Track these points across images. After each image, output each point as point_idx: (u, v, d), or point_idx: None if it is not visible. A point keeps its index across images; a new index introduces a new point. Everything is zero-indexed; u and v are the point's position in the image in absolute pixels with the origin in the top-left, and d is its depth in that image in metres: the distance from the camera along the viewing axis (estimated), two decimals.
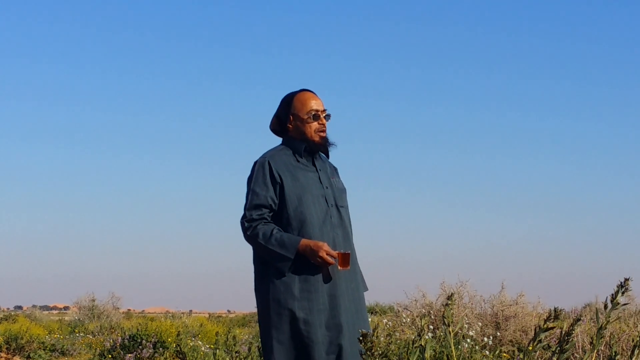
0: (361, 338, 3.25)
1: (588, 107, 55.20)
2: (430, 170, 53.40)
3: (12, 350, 14.66)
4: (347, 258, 4.08)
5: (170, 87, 66.38)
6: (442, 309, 11.53)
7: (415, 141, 55.63)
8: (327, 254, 4.01)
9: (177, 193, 70.70)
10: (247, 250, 4.27)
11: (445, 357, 6.74)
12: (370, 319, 5.01)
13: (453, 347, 3.16)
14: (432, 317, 11.79)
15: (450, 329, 3.17)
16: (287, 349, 4.02)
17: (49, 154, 65.50)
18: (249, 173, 4.29)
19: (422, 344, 3.06)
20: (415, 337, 3.13)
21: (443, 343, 8.13)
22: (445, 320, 3.20)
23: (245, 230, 4.15)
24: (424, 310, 12.21)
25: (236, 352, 6.21)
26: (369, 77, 59.70)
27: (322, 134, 4.30)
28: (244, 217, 4.17)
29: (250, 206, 4.16)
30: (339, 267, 4.07)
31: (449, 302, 3.21)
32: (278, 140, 4.47)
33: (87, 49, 69.76)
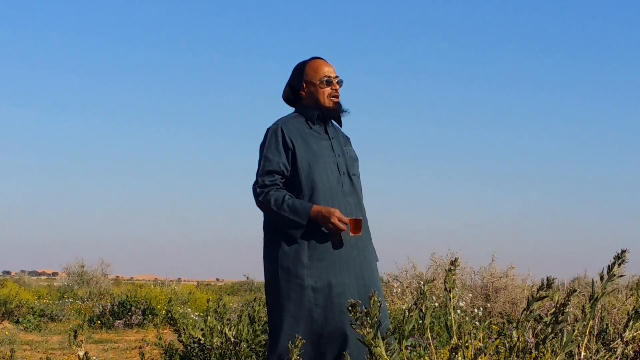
0: (350, 308, 3.24)
1: (576, 82, 55.57)
2: (422, 143, 53.53)
3: (1, 315, 14.67)
4: (359, 224, 4.06)
5: (176, 56, 66.42)
6: (436, 278, 11.57)
7: (408, 114, 55.81)
8: (339, 220, 4.00)
9: (166, 161, 70.66)
10: (237, 219, 4.27)
11: (432, 325, 6.76)
12: None
13: (452, 312, 3.15)
14: (423, 287, 11.83)
15: (452, 295, 3.17)
16: (296, 317, 4.01)
17: (37, 120, 65.40)
18: (261, 139, 4.27)
19: (423, 310, 3.06)
20: (411, 306, 3.12)
21: (433, 314, 8.16)
22: (446, 285, 3.19)
23: (257, 196, 4.14)
24: (414, 281, 12.26)
25: (227, 320, 6.21)
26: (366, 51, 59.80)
27: (335, 99, 4.30)
28: (256, 183, 4.16)
29: (262, 172, 4.15)
30: (351, 234, 4.05)
31: (452, 267, 3.20)
32: (282, 111, 4.46)
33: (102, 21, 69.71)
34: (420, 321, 3.07)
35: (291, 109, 4.43)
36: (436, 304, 9.59)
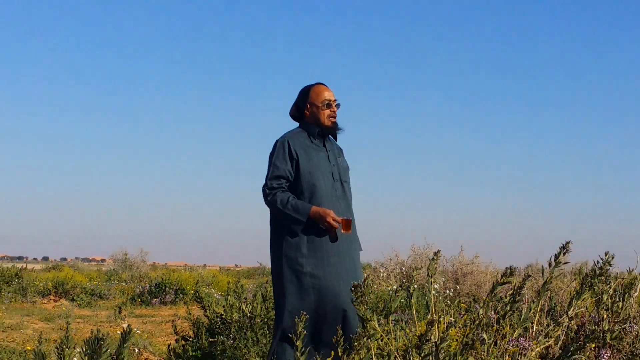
0: (353, 289, 3.26)
1: (517, 90, 56.12)
2: (406, 156, 53.79)
3: (59, 294, 14.66)
4: (349, 224, 4.10)
5: (217, 79, 66.58)
6: (415, 266, 11.55)
7: (396, 127, 56.06)
8: (333, 220, 4.02)
9: (194, 167, 70.91)
10: (253, 215, 4.29)
11: (415, 304, 6.72)
12: None
13: (432, 293, 3.15)
14: (404, 272, 11.83)
15: (432, 280, 3.17)
16: (297, 296, 4.03)
17: (95, 129, 65.73)
18: (270, 149, 4.28)
19: (410, 291, 3.07)
20: (397, 287, 3.12)
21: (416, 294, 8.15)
22: (429, 272, 3.20)
23: (266, 196, 4.14)
24: (397, 267, 12.25)
25: (244, 298, 6.22)
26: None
27: (332, 119, 4.30)
28: (265, 186, 4.16)
29: (271, 176, 4.15)
30: (342, 231, 4.08)
31: (435, 257, 3.20)
32: (282, 125, 4.46)
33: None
34: (404, 300, 3.07)
35: (296, 124, 4.42)
36: (415, 286, 9.58)
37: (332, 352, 3.85)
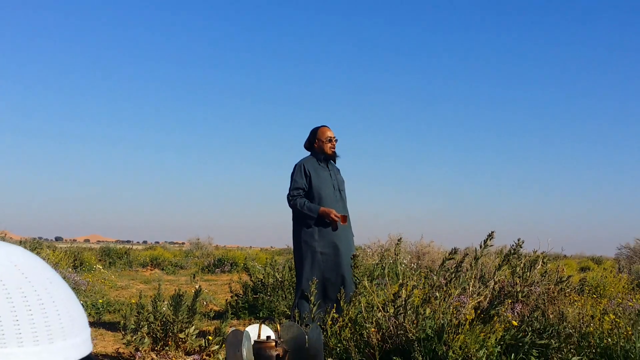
0: (352, 258, 3.27)
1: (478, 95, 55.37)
2: (383, 165, 53.78)
3: (154, 265, 14.70)
4: (345, 218, 4.15)
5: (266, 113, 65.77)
6: (390, 248, 11.45)
7: (376, 153, 55.89)
8: (334, 216, 4.07)
9: (249, 178, 71.04)
10: (283, 212, 4.30)
11: (389, 273, 6.69)
12: None
13: (399, 266, 3.14)
14: (383, 252, 11.78)
15: (398, 257, 3.16)
16: (311, 267, 4.05)
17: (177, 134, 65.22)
18: (291, 170, 4.33)
19: (384, 265, 3.07)
20: (377, 262, 3.12)
21: (389, 267, 8.10)
22: (395, 251, 3.20)
23: (289, 201, 4.20)
24: (379, 249, 12.21)
25: (277, 268, 6.21)
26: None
27: (332, 149, 4.35)
28: (289, 194, 4.22)
29: (292, 188, 4.22)
30: (341, 223, 4.13)
31: (398, 242, 3.20)
32: (301, 153, 4.48)
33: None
34: (382, 270, 3.06)
35: (308, 153, 4.44)
36: (391, 261, 9.53)
37: (335, 305, 3.86)
